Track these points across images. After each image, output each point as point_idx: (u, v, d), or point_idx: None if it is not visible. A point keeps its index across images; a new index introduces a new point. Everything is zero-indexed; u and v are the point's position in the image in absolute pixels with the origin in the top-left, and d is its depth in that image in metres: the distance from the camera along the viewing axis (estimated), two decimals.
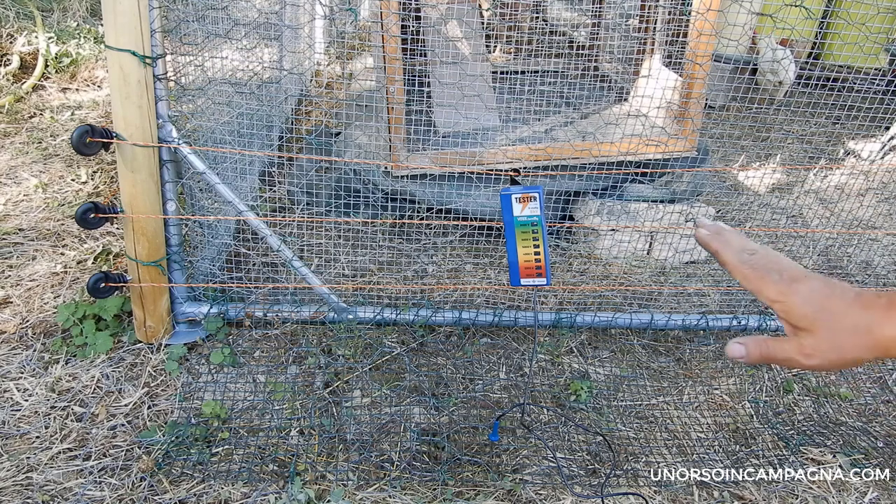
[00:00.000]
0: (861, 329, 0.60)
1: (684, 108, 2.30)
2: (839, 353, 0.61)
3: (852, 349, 0.61)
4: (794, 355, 0.63)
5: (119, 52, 1.56)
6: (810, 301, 0.63)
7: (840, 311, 0.62)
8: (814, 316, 0.62)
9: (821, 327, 0.62)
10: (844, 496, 1.63)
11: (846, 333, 0.61)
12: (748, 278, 0.67)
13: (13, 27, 3.84)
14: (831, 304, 0.62)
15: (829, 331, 0.62)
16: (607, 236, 2.47)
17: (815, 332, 0.62)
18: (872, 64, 4.18)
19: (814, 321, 0.62)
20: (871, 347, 0.60)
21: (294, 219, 2.27)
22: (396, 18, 2.05)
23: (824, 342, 0.62)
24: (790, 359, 0.64)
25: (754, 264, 0.67)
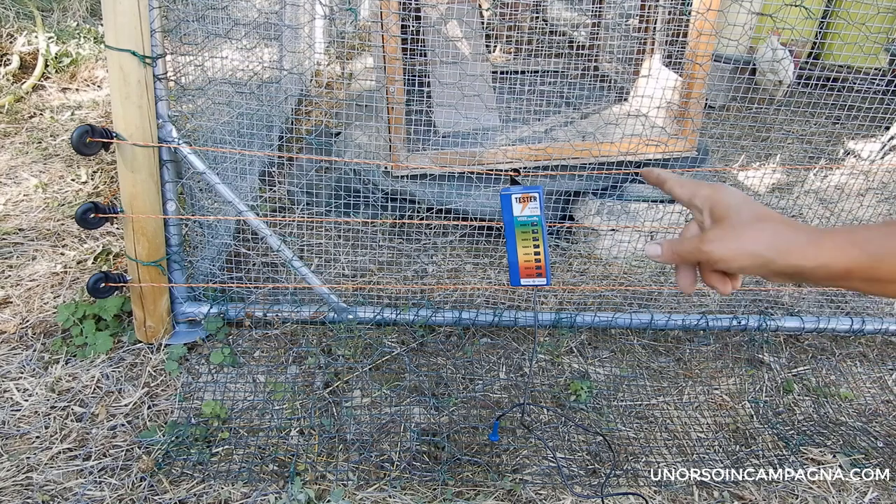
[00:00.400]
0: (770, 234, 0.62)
1: (684, 108, 2.30)
2: (737, 241, 0.63)
3: (751, 243, 0.62)
4: (696, 244, 0.65)
5: (119, 52, 1.56)
6: (736, 197, 0.66)
7: (763, 213, 0.64)
8: (735, 207, 0.65)
9: (733, 217, 0.65)
10: (844, 496, 1.63)
11: (753, 229, 0.62)
12: (684, 184, 0.71)
13: (13, 27, 3.84)
14: (755, 207, 0.65)
15: (738, 222, 0.64)
16: (607, 236, 2.47)
17: (724, 221, 0.65)
18: (872, 64, 4.18)
19: (729, 210, 0.65)
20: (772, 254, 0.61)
21: (294, 219, 2.27)
22: (396, 18, 2.05)
23: (728, 229, 0.64)
24: (694, 249, 0.66)
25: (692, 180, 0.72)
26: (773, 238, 0.61)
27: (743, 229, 0.63)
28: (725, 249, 0.63)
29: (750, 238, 0.62)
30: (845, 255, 0.58)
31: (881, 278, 0.58)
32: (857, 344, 2.23)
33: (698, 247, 0.65)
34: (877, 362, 2.15)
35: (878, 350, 2.21)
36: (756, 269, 0.62)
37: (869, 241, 0.58)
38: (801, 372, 2.07)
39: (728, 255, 0.63)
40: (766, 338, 2.18)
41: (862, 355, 2.18)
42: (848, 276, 0.59)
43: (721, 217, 0.65)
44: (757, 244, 0.62)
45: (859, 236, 0.58)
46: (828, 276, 0.60)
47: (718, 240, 0.64)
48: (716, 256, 0.64)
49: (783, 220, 0.63)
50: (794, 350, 2.18)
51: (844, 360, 2.15)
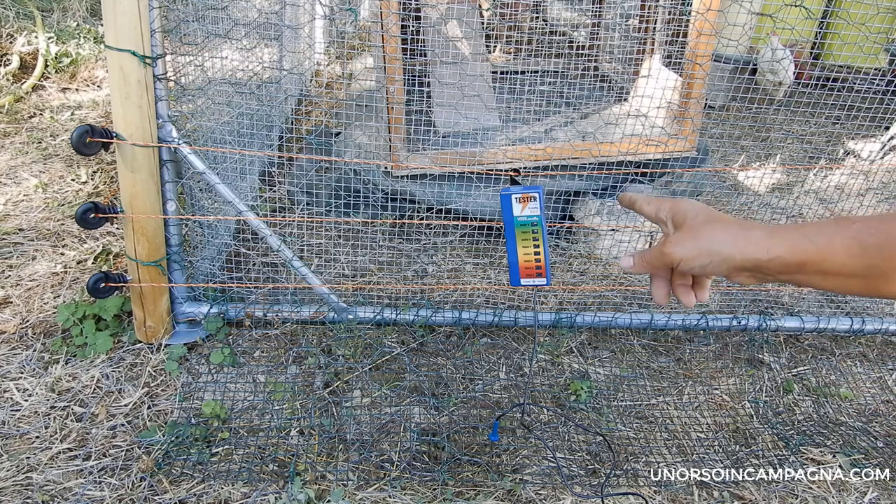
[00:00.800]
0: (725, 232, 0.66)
1: (684, 108, 2.30)
2: (695, 241, 0.67)
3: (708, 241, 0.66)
4: (660, 248, 0.70)
5: (119, 52, 1.56)
6: (693, 205, 0.71)
7: (717, 216, 0.68)
8: (692, 213, 0.69)
9: (690, 221, 0.69)
10: (844, 496, 1.63)
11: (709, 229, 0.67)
12: (651, 202, 0.76)
13: (13, 27, 3.84)
14: (709, 211, 0.70)
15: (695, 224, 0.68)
16: (607, 236, 2.47)
17: (683, 225, 0.70)
18: (872, 64, 4.18)
19: (686, 216, 0.70)
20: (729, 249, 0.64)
21: (294, 219, 2.27)
22: (396, 18, 2.05)
23: (686, 231, 0.68)
24: (658, 253, 0.70)
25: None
26: (729, 235, 0.65)
27: (699, 229, 0.67)
28: (685, 249, 0.67)
29: (706, 237, 0.66)
30: (798, 247, 0.61)
31: (831, 271, 0.60)
32: (857, 344, 2.23)
33: (661, 250, 0.70)
34: (877, 362, 2.15)
35: (878, 350, 2.21)
36: (716, 266, 0.66)
37: (819, 234, 0.60)
38: (801, 372, 2.07)
39: (688, 254, 0.67)
40: (766, 338, 2.18)
41: (862, 355, 2.18)
42: (802, 268, 0.61)
43: (680, 223, 0.70)
44: (713, 242, 0.66)
45: (810, 230, 0.61)
46: (783, 268, 0.62)
47: (678, 242, 0.68)
48: (677, 257, 0.68)
49: (737, 220, 0.67)
50: (794, 350, 2.18)
51: (844, 360, 2.15)
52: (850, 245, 0.58)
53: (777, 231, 0.63)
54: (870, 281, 0.58)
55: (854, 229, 0.58)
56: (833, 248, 0.59)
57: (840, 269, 0.59)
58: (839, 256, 0.59)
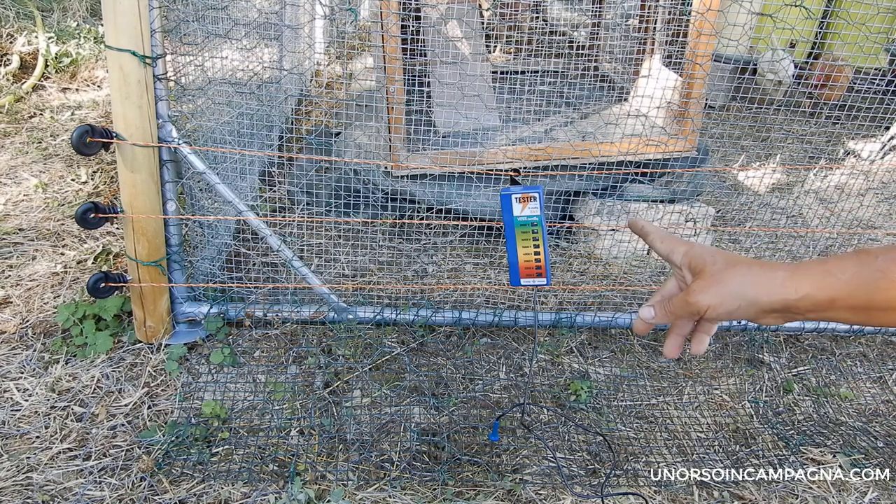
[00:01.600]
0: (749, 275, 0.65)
1: (684, 108, 2.30)
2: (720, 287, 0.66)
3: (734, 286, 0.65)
4: (684, 298, 0.69)
5: (119, 52, 1.56)
6: (709, 250, 0.70)
7: (736, 259, 0.67)
8: (710, 258, 0.69)
9: (709, 267, 0.68)
10: (844, 496, 1.63)
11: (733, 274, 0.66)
12: (664, 239, 0.75)
13: (13, 27, 3.84)
14: (727, 254, 0.69)
15: (717, 270, 0.67)
16: (607, 236, 2.47)
17: (703, 272, 0.68)
18: (872, 64, 4.18)
19: (705, 262, 0.69)
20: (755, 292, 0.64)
21: (294, 219, 2.27)
22: (396, 18, 2.05)
23: (709, 278, 0.67)
24: (682, 303, 0.69)
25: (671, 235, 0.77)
26: (754, 278, 0.64)
27: (723, 275, 0.66)
28: (711, 297, 0.66)
29: (731, 282, 0.66)
30: (825, 284, 0.61)
31: (860, 306, 0.60)
32: (857, 344, 2.23)
33: (686, 300, 0.68)
34: (877, 362, 2.15)
35: (878, 350, 2.21)
36: (744, 310, 0.65)
37: (842, 270, 0.60)
38: (801, 372, 2.07)
39: (714, 301, 0.66)
40: (766, 338, 2.18)
41: (862, 355, 2.18)
42: (832, 305, 0.61)
43: (699, 269, 0.69)
44: (739, 286, 0.65)
45: (832, 266, 0.61)
46: (813, 306, 0.62)
47: (702, 290, 0.67)
48: (704, 305, 0.67)
49: (757, 261, 0.67)
50: (794, 350, 2.18)
51: (844, 360, 2.15)
52: (877, 277, 0.58)
53: (801, 269, 0.62)
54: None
55: (879, 262, 0.58)
56: (860, 282, 0.59)
57: (866, 304, 0.59)
58: (866, 290, 0.59)
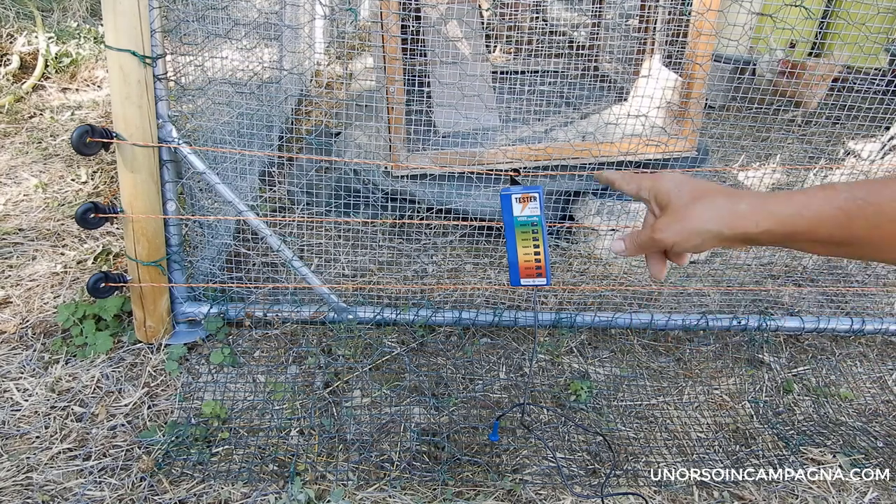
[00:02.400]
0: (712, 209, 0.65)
1: (684, 108, 2.30)
2: (683, 223, 0.66)
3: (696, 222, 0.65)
4: (649, 234, 0.69)
5: (119, 52, 1.56)
6: (675, 181, 0.69)
7: (701, 191, 0.67)
8: (675, 192, 0.68)
9: (674, 201, 0.68)
10: (844, 496, 1.63)
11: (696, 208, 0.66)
12: (629, 180, 0.75)
13: (13, 27, 3.84)
14: (693, 185, 0.68)
15: (680, 205, 0.67)
16: (607, 236, 2.47)
17: (668, 207, 0.68)
18: (872, 64, 4.18)
19: (670, 196, 0.68)
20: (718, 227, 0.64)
21: (294, 219, 2.27)
22: (396, 18, 2.05)
23: (672, 214, 0.67)
24: (648, 239, 0.70)
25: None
26: (716, 212, 0.65)
27: (686, 211, 0.67)
28: (674, 234, 0.67)
29: (694, 217, 0.66)
30: (787, 220, 0.61)
31: (819, 240, 0.61)
32: (857, 344, 2.23)
33: (651, 236, 0.69)
34: (877, 362, 2.15)
35: (878, 350, 2.21)
36: (708, 242, 0.66)
37: (807, 206, 0.61)
38: (801, 372, 2.07)
39: (678, 238, 0.67)
40: (766, 338, 2.18)
41: (862, 355, 2.18)
42: (791, 237, 0.62)
43: (664, 204, 0.69)
44: (702, 222, 0.65)
45: (798, 201, 0.61)
46: (773, 238, 0.63)
47: (666, 226, 0.68)
48: (668, 242, 0.68)
49: (721, 190, 0.66)
50: (794, 350, 2.18)
51: (844, 360, 2.15)
52: (838, 216, 0.59)
53: (765, 202, 0.63)
54: (855, 248, 0.60)
55: (841, 200, 0.59)
56: (821, 219, 0.60)
57: (828, 238, 0.61)
58: (827, 227, 0.60)
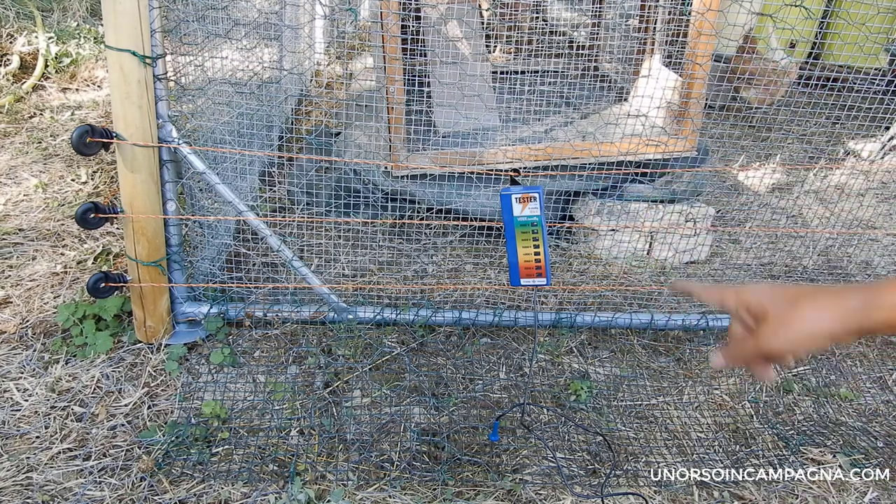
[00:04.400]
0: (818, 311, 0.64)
1: (684, 108, 2.30)
2: (791, 330, 0.65)
3: (806, 325, 0.65)
4: (756, 346, 0.69)
5: (119, 52, 1.56)
6: (765, 291, 0.70)
7: (799, 295, 0.67)
8: (769, 301, 0.68)
9: (771, 311, 0.68)
10: (844, 496, 1.63)
11: (800, 312, 0.65)
12: (710, 292, 0.76)
13: (13, 27, 3.84)
14: (785, 292, 0.68)
15: (781, 312, 0.67)
16: (607, 236, 2.47)
17: (768, 317, 0.68)
18: (872, 64, 4.18)
19: (765, 306, 0.68)
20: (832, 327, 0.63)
21: (294, 219, 2.27)
22: (396, 18, 2.05)
23: (776, 323, 0.67)
24: (756, 351, 0.69)
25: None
26: (825, 313, 0.64)
27: (790, 317, 0.66)
28: (785, 341, 0.66)
29: (803, 323, 0.65)
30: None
31: None
32: (857, 344, 2.23)
33: (758, 347, 0.68)
34: (877, 362, 2.15)
35: (878, 350, 2.21)
36: (822, 343, 0.65)
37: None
38: (801, 372, 2.07)
39: (791, 346, 0.65)
40: None
41: (862, 355, 2.18)
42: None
43: (762, 315, 0.68)
44: (812, 325, 0.64)
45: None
46: (890, 328, 0.62)
47: (774, 335, 0.66)
48: (780, 351, 0.66)
49: (818, 291, 0.65)
50: None
51: (844, 360, 2.15)
52: None
53: (874, 294, 0.62)
54: None
55: None
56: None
57: None
58: None
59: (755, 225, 2.85)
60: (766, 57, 3.80)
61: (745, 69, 3.75)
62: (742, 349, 0.70)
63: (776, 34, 3.91)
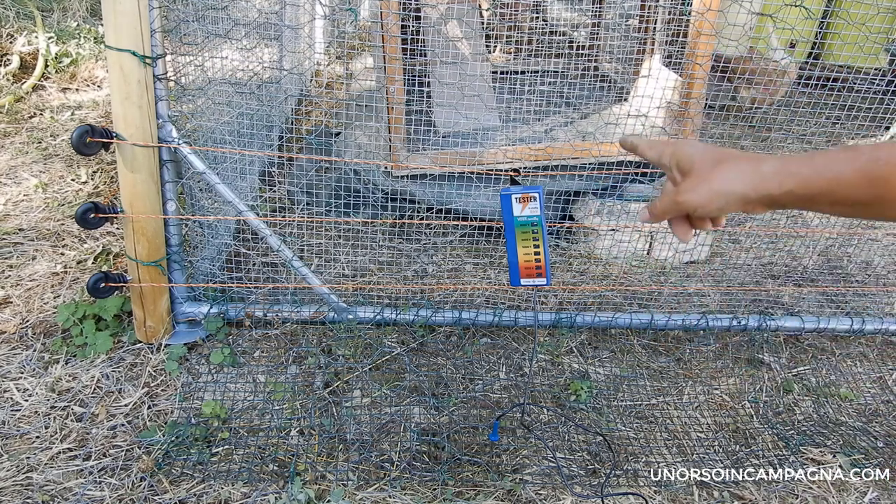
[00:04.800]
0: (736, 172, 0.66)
1: (684, 108, 2.30)
2: (707, 186, 0.67)
3: (720, 183, 0.66)
4: (672, 198, 0.70)
5: (119, 52, 1.56)
6: (696, 147, 0.71)
7: (723, 155, 0.68)
8: (698, 157, 0.69)
9: (697, 165, 0.69)
10: (844, 496, 1.63)
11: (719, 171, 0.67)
12: (652, 146, 0.77)
13: (13, 27, 3.84)
14: (714, 151, 0.69)
15: (703, 168, 0.68)
16: (607, 236, 2.47)
17: (691, 171, 0.69)
18: (872, 64, 4.18)
19: (693, 161, 0.69)
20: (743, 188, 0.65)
21: (294, 219, 2.27)
22: (396, 18, 2.05)
23: (696, 177, 0.68)
24: (672, 202, 0.71)
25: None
26: (741, 173, 0.66)
27: (710, 174, 0.68)
28: (699, 196, 0.68)
29: (718, 180, 0.67)
30: (809, 182, 0.63)
31: (840, 201, 0.62)
32: (857, 344, 2.23)
33: (674, 199, 0.70)
34: (877, 362, 2.15)
35: (878, 350, 2.21)
36: (732, 204, 0.67)
37: (829, 168, 0.62)
38: (801, 372, 2.07)
39: (703, 200, 0.68)
40: (766, 338, 2.18)
41: (862, 355, 2.18)
42: (812, 199, 0.63)
43: (687, 169, 0.70)
44: (726, 183, 0.66)
45: (820, 163, 0.63)
46: (795, 201, 0.64)
47: (690, 190, 0.68)
48: (693, 205, 0.69)
49: (743, 154, 0.68)
50: (794, 350, 2.18)
51: (844, 360, 2.15)
52: (859, 178, 0.60)
53: (788, 164, 0.64)
54: (874, 208, 0.62)
55: (862, 161, 0.60)
56: (842, 180, 0.61)
57: (847, 199, 0.62)
58: (848, 188, 0.61)
59: (755, 225, 2.85)
60: (766, 57, 3.81)
61: (745, 69, 3.75)
62: (662, 201, 0.72)
63: (776, 34, 3.91)
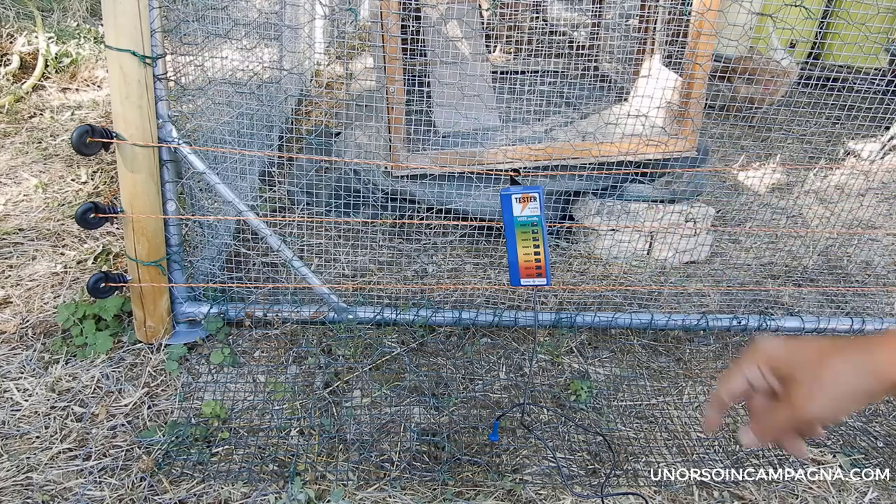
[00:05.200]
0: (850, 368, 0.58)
1: (684, 108, 2.30)
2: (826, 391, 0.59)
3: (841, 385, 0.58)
4: (790, 414, 0.61)
5: (119, 52, 1.56)
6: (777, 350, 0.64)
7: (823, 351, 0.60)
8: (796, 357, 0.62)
9: (799, 371, 0.61)
10: (844, 496, 1.63)
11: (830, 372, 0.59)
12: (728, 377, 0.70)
13: (13, 27, 3.84)
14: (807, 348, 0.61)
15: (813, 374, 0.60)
16: (607, 236, 2.47)
17: (796, 379, 0.61)
18: (872, 64, 4.18)
19: (791, 365, 0.62)
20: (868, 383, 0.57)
21: (294, 219, 2.27)
22: (396, 18, 2.05)
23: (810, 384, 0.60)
24: (790, 420, 0.62)
25: None
26: (857, 368, 0.58)
27: (822, 376, 0.59)
28: (820, 406, 0.59)
29: (834, 382, 0.59)
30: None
31: None
32: None
33: (793, 416, 0.61)
34: None
35: None
36: (859, 404, 0.59)
37: None
38: None
39: (828, 409, 0.59)
40: None
41: None
42: None
43: (788, 375, 0.62)
44: (846, 384, 0.58)
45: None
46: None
47: (810, 400, 0.59)
48: (818, 416, 0.60)
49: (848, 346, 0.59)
50: None
51: None
52: None
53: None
54: None
55: None
56: None
57: None
58: None
59: (755, 225, 2.85)
60: (766, 56, 3.81)
61: (745, 69, 3.75)
62: (775, 420, 0.62)
63: (776, 34, 3.91)
